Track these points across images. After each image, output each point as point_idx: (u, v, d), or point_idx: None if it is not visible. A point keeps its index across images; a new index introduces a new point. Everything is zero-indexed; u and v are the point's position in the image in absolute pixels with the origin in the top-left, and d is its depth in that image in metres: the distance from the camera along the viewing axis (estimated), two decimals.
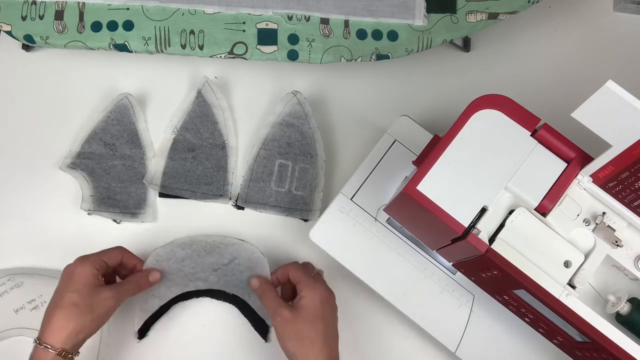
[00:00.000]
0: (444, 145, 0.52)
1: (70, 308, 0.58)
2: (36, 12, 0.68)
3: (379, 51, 0.70)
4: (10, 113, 0.75)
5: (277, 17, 0.70)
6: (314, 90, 0.77)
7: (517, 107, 0.54)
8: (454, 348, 0.65)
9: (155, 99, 0.75)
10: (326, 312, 0.61)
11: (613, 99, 0.47)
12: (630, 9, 0.81)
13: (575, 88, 0.76)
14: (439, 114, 0.77)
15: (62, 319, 0.57)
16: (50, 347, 0.56)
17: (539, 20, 0.81)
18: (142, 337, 0.68)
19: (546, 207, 0.52)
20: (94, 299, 0.59)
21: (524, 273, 0.52)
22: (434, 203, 0.51)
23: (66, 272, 0.60)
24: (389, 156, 0.70)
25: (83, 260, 0.61)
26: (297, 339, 0.60)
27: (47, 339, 0.57)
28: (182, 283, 0.68)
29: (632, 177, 0.50)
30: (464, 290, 0.67)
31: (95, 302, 0.59)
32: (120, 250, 0.65)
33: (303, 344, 0.60)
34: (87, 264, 0.60)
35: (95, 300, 0.59)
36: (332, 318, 0.62)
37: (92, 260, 0.61)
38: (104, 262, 0.62)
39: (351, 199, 0.68)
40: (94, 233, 0.71)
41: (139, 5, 0.68)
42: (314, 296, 0.61)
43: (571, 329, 0.55)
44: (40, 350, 0.56)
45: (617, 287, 0.56)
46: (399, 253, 0.67)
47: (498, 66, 0.79)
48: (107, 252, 0.64)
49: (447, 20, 0.72)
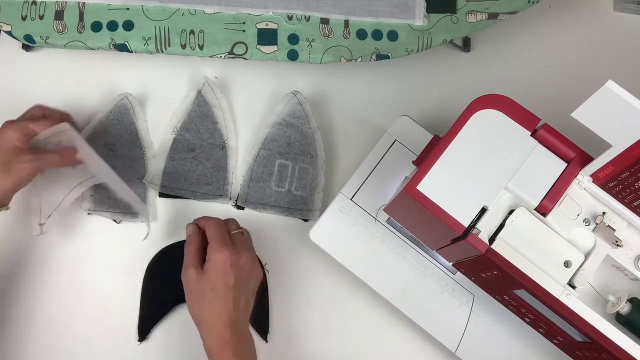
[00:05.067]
0: (444, 145, 0.52)
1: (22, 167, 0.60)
2: (36, 12, 0.68)
3: (379, 51, 0.70)
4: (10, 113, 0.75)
5: (277, 17, 0.70)
6: (314, 90, 0.77)
7: (517, 107, 0.54)
8: (454, 348, 0.65)
9: (155, 99, 0.75)
10: (230, 277, 0.59)
11: (613, 99, 0.47)
12: (630, 9, 0.81)
13: (575, 88, 0.76)
14: (439, 114, 0.77)
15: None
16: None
17: (539, 20, 0.81)
18: (142, 339, 0.68)
19: (546, 207, 0.52)
20: (13, 160, 0.61)
21: (524, 273, 0.52)
22: (434, 203, 0.51)
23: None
24: (389, 156, 0.70)
25: (10, 124, 0.62)
26: (197, 301, 0.60)
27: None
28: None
29: (632, 177, 0.50)
30: (464, 290, 0.67)
31: (14, 163, 0.61)
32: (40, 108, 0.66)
33: (202, 306, 0.59)
34: (14, 127, 0.62)
35: (13, 161, 0.61)
36: (241, 284, 0.60)
37: (18, 126, 0.62)
38: (31, 128, 0.63)
39: (351, 199, 0.68)
40: (94, 233, 0.71)
41: (139, 5, 0.68)
42: (219, 259, 0.59)
43: (571, 329, 0.55)
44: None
45: (617, 287, 0.56)
46: (399, 253, 0.67)
47: (498, 66, 0.79)
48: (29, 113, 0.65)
49: (447, 20, 0.72)
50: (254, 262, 0.62)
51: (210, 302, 0.59)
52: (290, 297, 0.71)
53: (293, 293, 0.71)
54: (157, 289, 0.70)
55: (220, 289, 0.59)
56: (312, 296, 0.71)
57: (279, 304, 0.70)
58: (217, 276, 0.59)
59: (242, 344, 0.60)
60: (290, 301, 0.71)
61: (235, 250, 0.60)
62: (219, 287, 0.59)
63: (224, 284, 0.59)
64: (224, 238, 0.61)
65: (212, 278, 0.59)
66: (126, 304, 0.69)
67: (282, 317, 0.70)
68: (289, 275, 0.71)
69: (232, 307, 0.59)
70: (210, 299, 0.59)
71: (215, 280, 0.59)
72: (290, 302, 0.71)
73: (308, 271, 0.71)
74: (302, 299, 0.71)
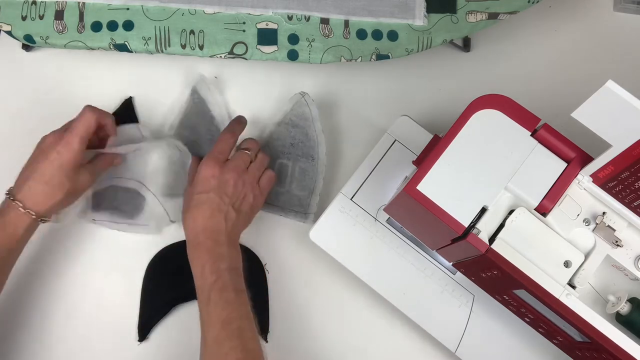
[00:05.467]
0: (444, 145, 0.52)
1: (55, 186, 0.61)
2: (36, 12, 0.68)
3: (379, 51, 0.70)
4: (10, 113, 0.75)
5: (277, 17, 0.70)
6: (314, 90, 0.77)
7: (517, 107, 0.54)
8: (454, 348, 0.65)
9: (155, 99, 0.75)
10: (210, 187, 0.63)
11: (613, 99, 0.47)
12: (630, 9, 0.81)
13: (575, 88, 0.76)
14: (439, 114, 0.77)
15: (46, 194, 0.61)
16: (34, 213, 0.61)
17: (539, 20, 0.81)
18: (142, 339, 0.68)
19: (546, 207, 0.52)
20: (77, 180, 0.63)
21: (524, 273, 0.52)
22: (434, 203, 0.51)
23: (50, 147, 0.62)
24: (389, 156, 0.70)
25: (68, 144, 0.62)
26: (185, 208, 0.65)
27: (30, 206, 0.61)
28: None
29: (632, 177, 0.50)
30: (464, 290, 0.67)
31: (78, 183, 0.63)
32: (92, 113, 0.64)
33: (186, 211, 0.64)
34: (72, 147, 0.62)
35: (77, 182, 0.63)
36: (221, 196, 0.63)
37: (77, 142, 0.62)
38: (85, 139, 0.63)
39: (351, 199, 0.68)
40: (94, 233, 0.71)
41: (139, 5, 0.68)
42: (202, 170, 0.64)
43: (571, 329, 0.55)
44: (20, 212, 0.60)
45: (617, 287, 0.56)
46: (399, 253, 0.67)
47: (498, 66, 0.79)
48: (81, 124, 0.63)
49: (447, 20, 0.72)
50: (242, 182, 0.65)
51: (191, 209, 0.64)
52: (290, 297, 0.71)
53: (293, 293, 0.71)
54: (157, 289, 0.70)
55: (200, 198, 0.63)
56: (312, 296, 0.71)
57: (279, 304, 0.70)
58: (198, 185, 0.64)
59: (219, 248, 0.62)
60: (290, 301, 0.71)
61: (222, 166, 0.65)
62: (198, 196, 0.64)
63: (202, 191, 0.64)
64: (218, 154, 0.66)
65: (195, 188, 0.64)
66: (126, 304, 0.69)
67: (282, 317, 0.70)
68: (289, 275, 0.71)
69: (209, 214, 0.63)
70: (191, 205, 0.64)
71: (197, 188, 0.64)
72: (290, 302, 0.70)
73: (308, 271, 0.71)
74: (302, 299, 0.71)
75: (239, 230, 0.66)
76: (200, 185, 0.64)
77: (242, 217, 0.66)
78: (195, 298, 0.69)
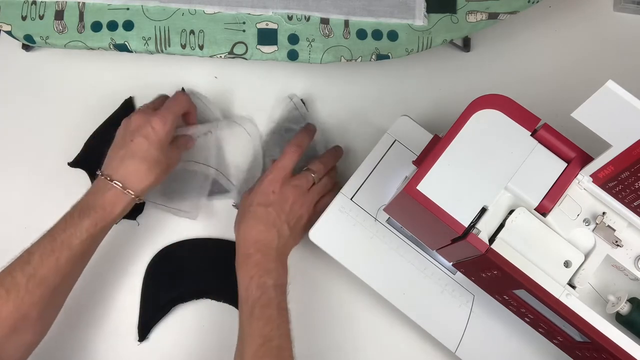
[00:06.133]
0: (444, 145, 0.52)
1: (152, 164, 0.62)
2: (36, 12, 0.68)
3: (379, 51, 0.70)
4: (10, 113, 0.75)
5: (277, 17, 0.70)
6: (314, 91, 0.77)
7: (517, 107, 0.54)
8: (454, 348, 0.65)
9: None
10: (269, 201, 0.64)
11: (613, 99, 0.47)
12: (630, 9, 0.81)
13: (575, 88, 0.76)
14: (439, 114, 0.77)
15: (144, 171, 0.62)
16: (133, 193, 0.61)
17: (539, 20, 0.81)
18: (142, 339, 0.68)
19: (546, 207, 0.52)
20: (170, 157, 0.65)
21: (524, 273, 0.52)
22: (434, 203, 0.51)
23: (142, 126, 0.62)
24: (389, 156, 0.70)
25: (164, 119, 0.63)
26: (239, 217, 0.65)
27: (128, 185, 0.61)
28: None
29: (632, 177, 0.50)
30: (464, 290, 0.67)
31: (170, 160, 0.65)
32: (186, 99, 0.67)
33: (240, 223, 0.64)
34: (167, 123, 0.63)
35: (170, 158, 0.65)
36: (278, 212, 0.64)
37: (171, 120, 0.63)
38: (177, 119, 0.65)
39: (351, 199, 0.68)
40: None
41: (139, 5, 0.68)
42: (265, 181, 0.65)
43: (571, 329, 0.55)
44: (119, 192, 0.61)
45: (617, 287, 0.56)
46: (399, 253, 0.67)
47: (498, 66, 0.79)
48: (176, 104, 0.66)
49: (447, 20, 0.72)
50: (300, 203, 0.66)
51: (246, 220, 0.64)
52: (289, 297, 0.70)
53: (293, 293, 0.70)
54: (157, 289, 0.70)
55: (257, 210, 0.63)
56: (311, 296, 0.71)
57: None
58: (257, 197, 0.64)
59: (268, 263, 0.62)
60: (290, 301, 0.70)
61: (287, 182, 0.65)
62: (255, 208, 0.64)
63: (260, 203, 0.64)
64: (282, 169, 0.65)
65: (254, 199, 0.64)
66: (126, 304, 0.69)
67: None
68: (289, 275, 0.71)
69: (264, 228, 0.63)
70: (246, 216, 0.64)
71: (255, 199, 0.64)
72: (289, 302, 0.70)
73: (308, 271, 0.71)
74: (302, 298, 0.71)
75: (289, 248, 0.66)
76: (259, 197, 0.64)
77: (294, 236, 0.66)
78: (195, 298, 0.70)
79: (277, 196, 0.64)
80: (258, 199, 0.64)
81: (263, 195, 0.64)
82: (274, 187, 0.64)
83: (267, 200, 0.64)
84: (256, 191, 0.65)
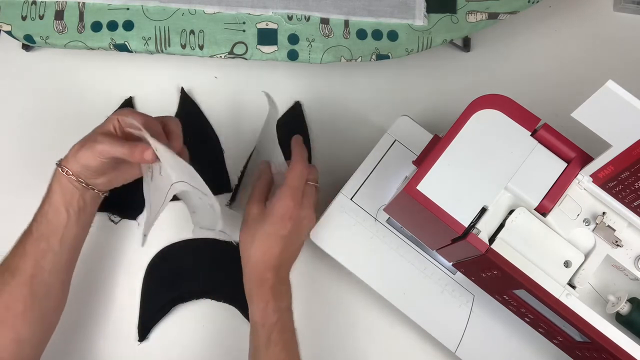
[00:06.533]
0: (444, 145, 0.52)
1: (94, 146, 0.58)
2: (36, 12, 0.68)
3: (379, 51, 0.70)
4: (10, 113, 0.75)
5: (277, 17, 0.70)
6: (314, 91, 0.77)
7: (517, 107, 0.54)
8: (454, 348, 0.65)
9: (155, 99, 0.75)
10: (287, 227, 0.61)
11: (613, 99, 0.47)
12: (630, 9, 0.81)
13: (575, 88, 0.76)
14: (439, 114, 0.77)
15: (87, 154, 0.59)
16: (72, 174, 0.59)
17: (539, 20, 0.81)
18: (142, 339, 0.68)
19: (546, 207, 0.52)
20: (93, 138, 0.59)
21: (524, 273, 0.52)
22: (434, 203, 0.51)
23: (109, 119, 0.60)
24: (389, 156, 0.70)
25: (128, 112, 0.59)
26: (249, 237, 0.62)
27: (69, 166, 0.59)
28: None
29: (632, 177, 0.50)
30: (464, 290, 0.67)
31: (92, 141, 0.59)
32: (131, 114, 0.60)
33: (252, 244, 0.61)
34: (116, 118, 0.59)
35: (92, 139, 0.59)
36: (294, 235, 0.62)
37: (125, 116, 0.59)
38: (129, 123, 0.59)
39: (351, 199, 0.68)
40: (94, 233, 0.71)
41: (139, 5, 0.68)
42: (282, 207, 0.61)
43: (571, 329, 0.55)
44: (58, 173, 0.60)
45: (617, 287, 0.56)
46: (399, 253, 0.67)
47: (498, 66, 0.79)
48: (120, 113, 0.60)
49: (447, 20, 0.72)
50: (313, 219, 0.64)
51: (260, 242, 0.61)
52: None
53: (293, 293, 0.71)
54: (157, 289, 0.70)
55: (272, 234, 0.61)
56: (311, 296, 0.71)
57: None
58: (274, 222, 0.61)
59: (280, 286, 0.62)
60: None
61: (301, 203, 0.62)
62: (272, 232, 0.61)
63: (278, 230, 0.61)
64: (297, 190, 0.62)
65: (269, 221, 0.61)
66: (126, 304, 0.69)
67: None
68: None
69: (279, 253, 0.61)
70: (261, 239, 0.61)
71: (272, 225, 0.61)
72: None
73: (308, 271, 0.71)
74: (302, 298, 0.70)
75: (293, 263, 0.65)
76: (276, 224, 0.61)
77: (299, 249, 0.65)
78: (195, 298, 0.70)
79: (294, 222, 0.62)
80: (275, 226, 0.61)
81: (280, 222, 0.61)
82: (290, 214, 0.61)
83: (284, 227, 0.61)
84: (273, 215, 0.61)
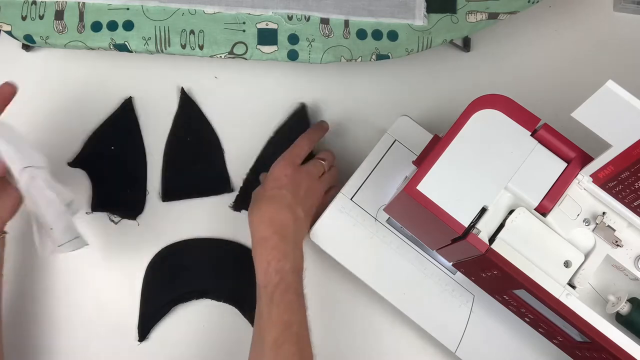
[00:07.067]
0: (444, 145, 0.52)
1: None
2: (36, 12, 0.68)
3: (379, 51, 0.70)
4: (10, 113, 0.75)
5: (277, 17, 0.70)
6: (314, 91, 0.77)
7: (517, 107, 0.54)
8: (454, 348, 0.65)
9: (155, 99, 0.75)
10: (282, 186, 0.63)
11: (613, 99, 0.47)
12: (630, 9, 0.81)
13: (575, 88, 0.76)
14: (439, 114, 0.77)
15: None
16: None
17: (539, 20, 0.81)
18: (142, 339, 0.68)
19: (546, 207, 0.52)
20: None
21: (524, 273, 0.52)
22: (434, 203, 0.51)
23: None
24: (389, 156, 0.70)
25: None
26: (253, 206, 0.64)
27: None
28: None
29: (632, 177, 0.50)
30: (464, 290, 0.67)
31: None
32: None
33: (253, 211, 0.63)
34: None
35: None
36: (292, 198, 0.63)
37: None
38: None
39: (351, 199, 0.68)
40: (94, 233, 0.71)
41: (139, 5, 0.68)
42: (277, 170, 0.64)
43: (571, 329, 0.55)
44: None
45: (617, 287, 0.56)
46: (399, 253, 0.67)
47: (498, 66, 0.79)
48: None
49: (447, 20, 0.72)
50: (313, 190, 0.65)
51: (258, 205, 0.63)
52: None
53: None
54: (157, 289, 0.70)
55: (269, 195, 0.63)
56: (311, 296, 0.71)
57: None
58: (268, 183, 0.64)
59: (285, 246, 0.61)
60: None
61: (298, 168, 0.65)
62: (268, 194, 0.63)
63: (272, 189, 0.63)
64: (293, 156, 0.65)
65: (265, 186, 0.64)
66: (126, 304, 0.69)
67: None
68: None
69: (275, 210, 0.62)
70: (260, 202, 0.63)
71: (267, 187, 0.63)
72: None
73: (308, 271, 0.71)
74: None
75: (303, 233, 0.65)
76: (271, 182, 0.63)
77: (306, 222, 0.65)
78: (195, 298, 0.70)
79: (290, 180, 0.63)
80: (271, 184, 0.63)
81: (275, 180, 0.63)
82: (286, 172, 0.64)
83: (280, 183, 0.63)
84: (268, 179, 0.64)
